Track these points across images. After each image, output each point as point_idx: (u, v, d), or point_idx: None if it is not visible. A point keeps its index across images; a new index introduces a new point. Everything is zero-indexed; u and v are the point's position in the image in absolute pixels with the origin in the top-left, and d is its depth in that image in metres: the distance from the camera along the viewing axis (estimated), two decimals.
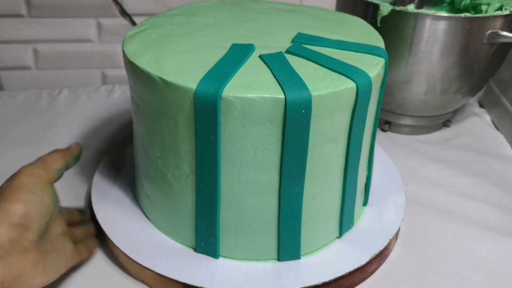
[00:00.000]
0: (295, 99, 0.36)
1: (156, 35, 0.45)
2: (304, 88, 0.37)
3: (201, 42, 0.44)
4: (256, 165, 0.39)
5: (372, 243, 0.46)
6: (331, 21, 0.50)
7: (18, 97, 0.75)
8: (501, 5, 0.60)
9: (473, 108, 0.77)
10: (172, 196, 0.43)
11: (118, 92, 0.78)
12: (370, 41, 0.46)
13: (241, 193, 0.41)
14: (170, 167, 0.42)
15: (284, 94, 0.36)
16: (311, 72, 0.39)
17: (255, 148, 0.38)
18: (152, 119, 0.41)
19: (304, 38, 0.45)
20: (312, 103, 0.37)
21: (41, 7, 0.76)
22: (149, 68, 0.39)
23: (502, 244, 0.50)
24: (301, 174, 0.40)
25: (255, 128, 0.37)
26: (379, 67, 0.42)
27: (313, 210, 0.43)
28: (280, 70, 0.39)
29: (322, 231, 0.45)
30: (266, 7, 0.53)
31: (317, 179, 0.41)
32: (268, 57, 0.41)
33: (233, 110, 0.37)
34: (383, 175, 0.55)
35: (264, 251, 0.44)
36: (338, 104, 0.38)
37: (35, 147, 0.63)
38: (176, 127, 0.39)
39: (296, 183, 0.40)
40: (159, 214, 0.46)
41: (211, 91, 0.36)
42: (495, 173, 0.62)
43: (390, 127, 0.69)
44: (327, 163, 0.41)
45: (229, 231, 0.43)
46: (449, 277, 0.46)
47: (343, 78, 0.39)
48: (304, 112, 0.37)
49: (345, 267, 0.43)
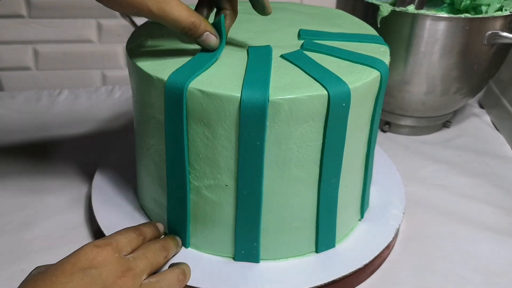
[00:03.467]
0: (337, 94, 0.37)
1: (162, 46, 0.43)
2: (342, 82, 0.38)
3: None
4: (299, 163, 0.40)
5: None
6: (317, 15, 0.51)
7: (18, 97, 0.75)
8: (501, 5, 0.60)
9: (473, 109, 0.77)
10: (206, 209, 0.42)
11: (118, 93, 0.78)
12: (364, 31, 0.48)
13: (283, 193, 0.41)
14: (204, 179, 0.41)
15: (327, 90, 0.37)
16: (336, 66, 0.40)
17: (298, 147, 0.39)
18: (177, 134, 0.40)
19: (309, 34, 0.45)
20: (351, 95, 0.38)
21: (41, 8, 0.76)
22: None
23: (502, 245, 0.50)
24: (339, 165, 0.41)
25: (299, 127, 0.38)
26: (388, 54, 0.44)
27: (344, 198, 0.44)
28: (310, 67, 0.40)
29: (350, 216, 0.47)
30: (248, 6, 0.53)
31: (348, 167, 0.43)
32: (291, 56, 0.41)
33: (280, 112, 0.37)
34: (383, 175, 0.55)
35: (303, 246, 0.45)
36: (369, 94, 0.41)
37: (35, 148, 0.63)
38: (215, 138, 0.39)
39: (334, 174, 0.42)
40: (183, 227, 0.45)
41: (258, 96, 0.36)
42: (495, 173, 0.62)
43: (390, 128, 0.69)
44: (356, 150, 0.43)
45: (269, 233, 0.43)
46: (449, 277, 0.46)
47: (367, 68, 0.41)
48: (345, 105, 0.38)
49: (372, 251, 0.45)
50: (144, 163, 0.46)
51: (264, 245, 0.43)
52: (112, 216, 0.48)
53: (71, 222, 0.51)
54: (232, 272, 0.43)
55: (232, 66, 0.40)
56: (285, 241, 0.43)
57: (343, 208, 0.44)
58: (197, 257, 0.44)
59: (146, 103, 0.41)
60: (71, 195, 0.55)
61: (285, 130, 0.38)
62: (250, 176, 0.39)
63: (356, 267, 0.43)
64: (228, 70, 0.39)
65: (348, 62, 0.41)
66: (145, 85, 0.40)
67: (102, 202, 0.50)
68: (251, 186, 0.40)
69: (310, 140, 0.39)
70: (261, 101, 0.36)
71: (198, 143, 0.39)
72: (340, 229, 0.45)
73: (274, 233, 0.43)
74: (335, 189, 0.42)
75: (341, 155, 0.41)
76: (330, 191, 0.42)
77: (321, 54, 0.42)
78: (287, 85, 0.37)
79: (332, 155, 0.40)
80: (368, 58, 0.42)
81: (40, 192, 0.55)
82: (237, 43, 0.44)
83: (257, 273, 0.43)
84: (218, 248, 0.44)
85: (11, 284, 0.44)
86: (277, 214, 0.42)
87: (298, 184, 0.41)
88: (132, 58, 0.41)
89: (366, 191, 0.48)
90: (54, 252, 0.47)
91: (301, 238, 0.44)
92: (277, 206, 0.41)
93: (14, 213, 0.52)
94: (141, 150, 0.46)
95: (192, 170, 0.41)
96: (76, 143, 0.64)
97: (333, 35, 0.46)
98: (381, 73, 0.41)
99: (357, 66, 0.41)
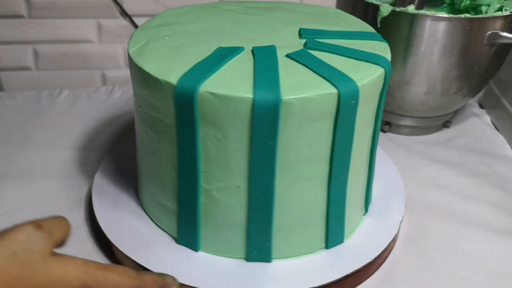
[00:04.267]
0: (346, 92, 0.38)
1: (165, 48, 0.43)
2: (350, 80, 0.38)
3: (214, 50, 0.42)
4: (310, 161, 0.40)
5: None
6: (314, 14, 0.52)
7: (18, 98, 0.75)
8: (501, 5, 0.60)
9: (473, 109, 0.77)
10: (217, 211, 0.42)
11: (118, 93, 0.78)
12: (362, 29, 0.48)
13: (294, 192, 0.41)
14: (215, 181, 0.41)
15: (337, 88, 0.37)
16: (341, 64, 0.41)
17: (309, 146, 0.39)
18: (189, 138, 0.39)
19: (310, 33, 0.46)
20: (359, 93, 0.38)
21: (41, 8, 0.76)
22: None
23: (502, 245, 0.50)
24: (348, 162, 0.42)
25: (310, 126, 0.38)
26: (389, 51, 0.44)
27: (352, 194, 0.45)
28: (317, 66, 0.40)
29: (356, 211, 0.47)
30: (242, 6, 0.53)
31: (355, 164, 0.43)
32: (296, 55, 0.41)
33: (292, 112, 0.37)
34: (383, 175, 0.55)
35: (313, 243, 0.45)
36: (375, 90, 0.41)
37: (35, 148, 0.63)
38: (226, 140, 0.38)
39: (343, 171, 0.42)
40: (193, 230, 0.44)
41: (270, 97, 0.36)
42: (495, 173, 0.62)
43: (390, 128, 0.69)
44: (362, 147, 0.44)
45: (281, 232, 0.43)
46: (449, 277, 0.46)
47: (372, 65, 0.41)
48: (354, 102, 0.39)
49: (379, 244, 0.46)
50: (148, 167, 0.46)
51: (276, 244, 0.43)
52: (112, 216, 0.48)
53: (71, 222, 0.51)
54: (245, 273, 0.43)
55: (239, 67, 0.40)
56: (296, 239, 0.44)
57: (351, 203, 0.45)
58: (208, 260, 0.44)
59: (152, 107, 0.41)
60: (71, 195, 0.55)
61: (296, 129, 0.38)
62: (262, 176, 0.39)
63: (366, 261, 0.44)
64: (236, 71, 0.39)
65: (353, 60, 0.42)
66: (151, 89, 0.40)
67: (102, 202, 0.50)
68: (263, 186, 0.40)
69: (320, 139, 0.39)
70: (274, 101, 0.36)
71: (209, 146, 0.39)
72: (347, 224, 0.46)
73: (285, 232, 0.43)
74: (344, 185, 0.43)
75: (349, 152, 0.41)
76: (339, 188, 0.43)
77: (325, 52, 0.42)
78: (297, 84, 0.38)
79: (341, 153, 0.41)
80: (372, 55, 0.42)
81: (40, 192, 0.55)
82: (237, 43, 0.44)
83: (271, 273, 0.43)
84: (230, 250, 0.44)
85: None
86: (288, 213, 0.42)
87: (308, 182, 0.41)
88: (136, 61, 0.41)
89: (370, 185, 0.49)
90: None
91: (312, 235, 0.44)
92: (288, 205, 0.42)
93: (14, 213, 0.52)
94: (146, 154, 0.45)
95: (202, 173, 0.41)
96: (76, 143, 0.64)
97: (333, 33, 0.46)
98: (385, 70, 0.41)
99: (362, 63, 0.41)
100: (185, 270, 0.43)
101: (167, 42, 0.44)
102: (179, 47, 0.43)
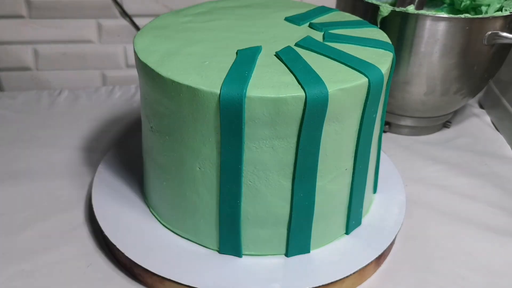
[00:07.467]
0: (375, 81, 0.39)
1: (169, 48, 0.42)
2: (378, 69, 0.40)
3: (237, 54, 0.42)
4: (346, 153, 0.42)
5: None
6: (307, 8, 0.53)
7: (18, 98, 0.75)
8: (501, 6, 0.60)
9: (473, 109, 0.77)
10: (258, 210, 0.43)
11: (118, 93, 0.78)
12: (351, 19, 0.51)
13: (331, 183, 0.43)
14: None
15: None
16: (362, 54, 0.43)
17: (347, 137, 0.41)
18: (236, 144, 0.39)
19: (322, 26, 0.47)
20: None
21: (41, 8, 0.76)
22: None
23: (502, 245, 0.50)
24: (368, 151, 0.45)
25: (348, 118, 0.40)
26: (385, 36, 0.47)
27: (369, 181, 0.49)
28: (345, 59, 0.41)
29: (369, 196, 0.50)
30: (242, 4, 0.54)
31: (373, 152, 0.47)
32: (315, 47, 0.43)
33: (335, 105, 0.38)
34: (383, 176, 0.55)
35: (337, 231, 0.47)
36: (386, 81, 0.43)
37: (35, 148, 0.63)
38: (281, 142, 0.39)
39: (365, 161, 0.45)
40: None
41: (319, 92, 0.37)
42: (495, 174, 0.62)
43: (390, 128, 0.69)
44: (376, 136, 0.47)
45: (318, 223, 0.44)
46: (449, 277, 0.46)
47: (386, 53, 0.44)
48: (378, 91, 0.41)
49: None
50: (177, 180, 0.44)
51: (313, 235, 0.45)
52: (112, 216, 0.48)
53: (71, 222, 0.51)
54: (290, 268, 0.44)
55: (263, 66, 0.40)
56: (329, 227, 0.46)
57: (368, 189, 0.48)
58: (252, 262, 0.44)
59: (194, 119, 0.39)
60: (71, 195, 0.55)
61: (338, 122, 0.40)
62: (307, 171, 0.41)
63: (394, 234, 0.48)
64: (264, 71, 0.39)
65: (372, 49, 0.44)
66: (188, 101, 0.39)
67: (102, 202, 0.50)
68: (308, 182, 0.41)
69: (352, 130, 0.42)
70: (323, 96, 0.37)
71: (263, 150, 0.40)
72: (365, 206, 0.49)
73: (322, 222, 0.44)
74: (365, 176, 0.46)
75: (370, 141, 0.44)
76: (362, 178, 0.46)
77: (342, 44, 0.44)
78: (333, 76, 0.39)
79: (365, 143, 0.43)
80: (384, 44, 0.45)
81: (40, 192, 0.55)
82: (256, 42, 0.44)
83: (312, 265, 0.44)
84: (272, 248, 0.45)
85: (11, 284, 0.44)
86: (327, 203, 0.44)
87: (343, 173, 0.43)
88: (160, 71, 0.39)
89: (377, 176, 0.52)
90: (54, 252, 0.47)
91: (337, 223, 0.46)
92: (326, 196, 0.43)
93: (14, 214, 0.52)
94: (174, 168, 0.44)
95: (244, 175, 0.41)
96: (76, 143, 0.64)
97: (338, 23, 0.48)
98: (392, 57, 0.44)
99: (379, 51, 0.44)
100: (205, 273, 0.43)
101: (183, 50, 0.43)
102: (183, 47, 0.43)
